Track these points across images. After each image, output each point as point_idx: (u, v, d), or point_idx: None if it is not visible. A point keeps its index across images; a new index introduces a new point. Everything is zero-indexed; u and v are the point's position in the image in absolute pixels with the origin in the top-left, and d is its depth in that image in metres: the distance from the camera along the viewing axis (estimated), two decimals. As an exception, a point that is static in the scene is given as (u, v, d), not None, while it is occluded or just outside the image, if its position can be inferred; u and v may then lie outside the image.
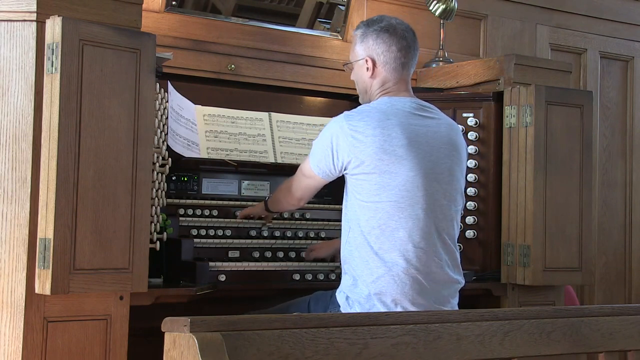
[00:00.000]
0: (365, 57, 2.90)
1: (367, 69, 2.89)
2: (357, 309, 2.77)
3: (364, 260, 2.76)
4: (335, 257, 3.24)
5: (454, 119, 3.64)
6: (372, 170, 2.74)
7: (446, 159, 2.84)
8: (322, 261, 3.27)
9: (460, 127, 3.60)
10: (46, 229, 2.47)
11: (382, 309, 2.72)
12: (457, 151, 2.89)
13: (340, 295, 2.85)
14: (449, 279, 2.83)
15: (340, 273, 2.96)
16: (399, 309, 2.72)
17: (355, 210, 2.80)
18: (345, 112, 2.84)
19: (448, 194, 2.83)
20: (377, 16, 2.99)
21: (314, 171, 2.89)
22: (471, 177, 3.59)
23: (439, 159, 2.82)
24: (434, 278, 2.78)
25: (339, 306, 2.84)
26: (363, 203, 2.77)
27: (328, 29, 3.90)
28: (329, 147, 2.80)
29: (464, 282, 2.92)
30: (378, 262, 2.74)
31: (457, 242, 3.53)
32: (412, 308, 2.73)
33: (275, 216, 3.32)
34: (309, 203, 3.37)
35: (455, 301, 2.89)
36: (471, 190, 3.58)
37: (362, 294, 2.76)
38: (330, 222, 3.46)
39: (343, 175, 2.87)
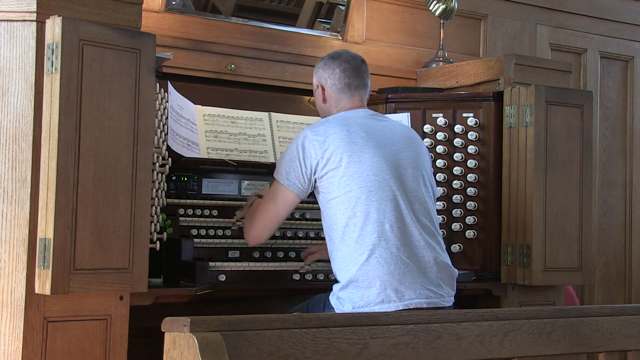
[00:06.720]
0: (316, 84, 3.10)
1: (319, 94, 3.09)
2: (349, 307, 2.78)
3: (347, 254, 2.81)
4: None
5: (454, 119, 3.64)
6: (338, 164, 2.85)
7: (407, 149, 2.96)
8: (322, 261, 3.27)
9: (460, 127, 3.61)
10: (46, 229, 2.47)
11: (374, 295, 2.75)
12: (416, 144, 3.02)
13: (333, 297, 2.87)
14: (438, 259, 2.86)
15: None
16: (389, 291, 2.75)
17: (330, 212, 2.87)
18: (308, 126, 3.00)
19: (415, 178, 2.92)
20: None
21: (284, 184, 2.92)
22: (471, 177, 3.59)
23: (399, 148, 2.94)
24: (419, 258, 2.82)
25: (333, 308, 2.85)
26: (336, 199, 2.85)
27: (328, 29, 3.90)
28: (295, 157, 2.91)
29: (455, 271, 2.95)
30: (360, 249, 2.79)
31: (457, 242, 3.52)
32: (402, 288, 2.77)
33: None
34: (308, 203, 3.36)
35: (452, 291, 2.90)
36: (471, 190, 3.58)
37: (353, 292, 2.78)
38: (330, 222, 3.45)
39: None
